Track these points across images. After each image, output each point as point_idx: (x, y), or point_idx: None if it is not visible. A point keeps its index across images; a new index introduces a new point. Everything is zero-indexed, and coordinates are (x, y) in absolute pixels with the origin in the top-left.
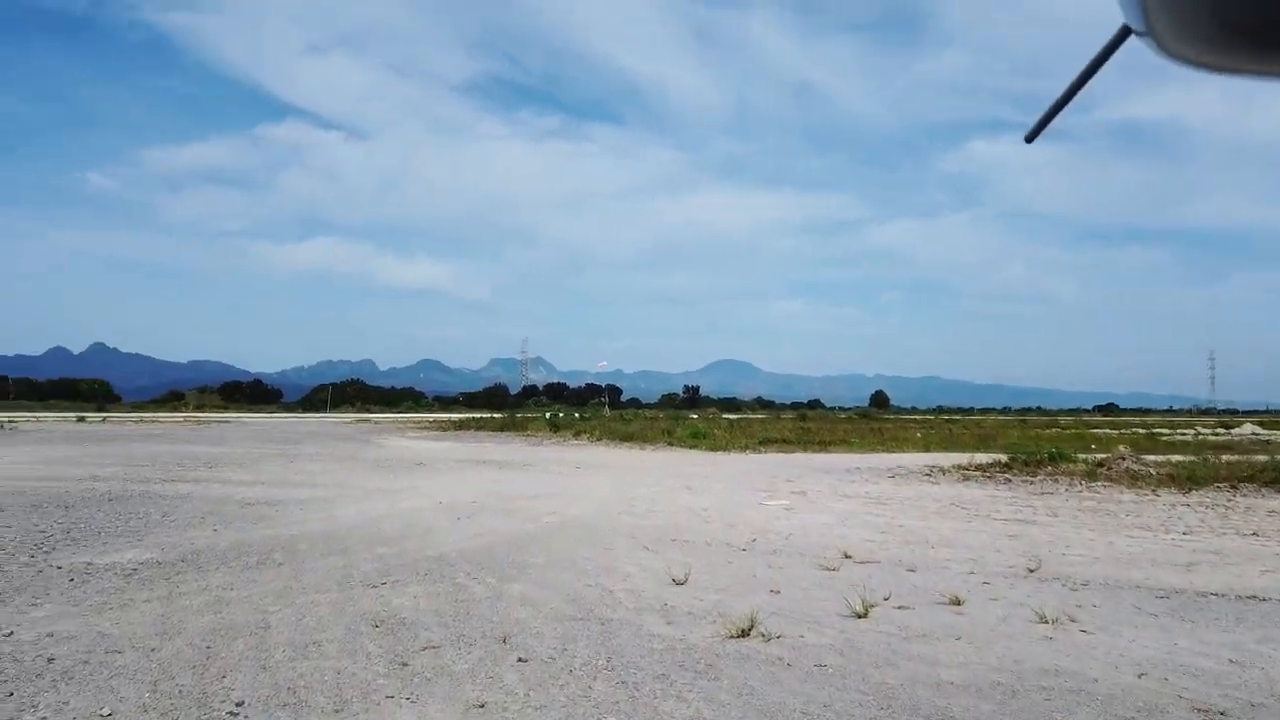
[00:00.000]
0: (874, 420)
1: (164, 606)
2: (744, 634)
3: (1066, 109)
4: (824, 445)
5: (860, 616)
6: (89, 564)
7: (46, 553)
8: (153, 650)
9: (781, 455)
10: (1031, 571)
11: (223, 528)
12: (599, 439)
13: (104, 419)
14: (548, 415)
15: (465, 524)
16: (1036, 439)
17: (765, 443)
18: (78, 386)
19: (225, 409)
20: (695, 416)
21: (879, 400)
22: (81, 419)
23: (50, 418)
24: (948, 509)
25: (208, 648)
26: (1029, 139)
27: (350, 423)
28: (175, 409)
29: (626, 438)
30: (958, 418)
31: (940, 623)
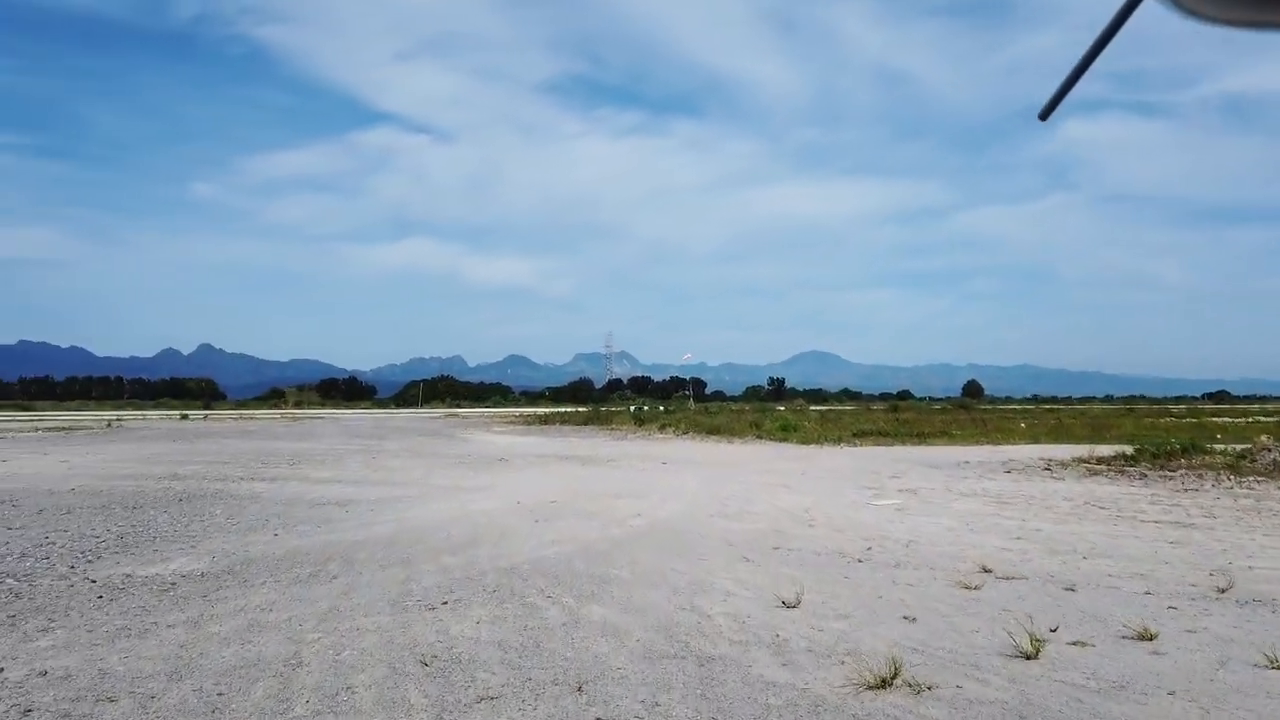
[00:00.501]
0: (971, 410)
1: (188, 634)
2: (885, 684)
3: (1080, 81)
4: (922, 437)
5: (1029, 657)
6: (128, 576)
7: (89, 562)
8: (153, 698)
9: (878, 448)
10: (1222, 592)
11: (284, 532)
12: (685, 432)
13: (205, 416)
14: (632, 409)
15: (543, 528)
16: (1154, 429)
17: (859, 435)
18: (186, 385)
19: (322, 405)
20: (782, 409)
21: (972, 390)
22: (185, 416)
23: (156, 415)
24: (1084, 509)
25: (219, 694)
26: (1042, 116)
27: (439, 418)
28: (275, 406)
29: (713, 431)
30: (1058, 407)
31: (1137, 667)
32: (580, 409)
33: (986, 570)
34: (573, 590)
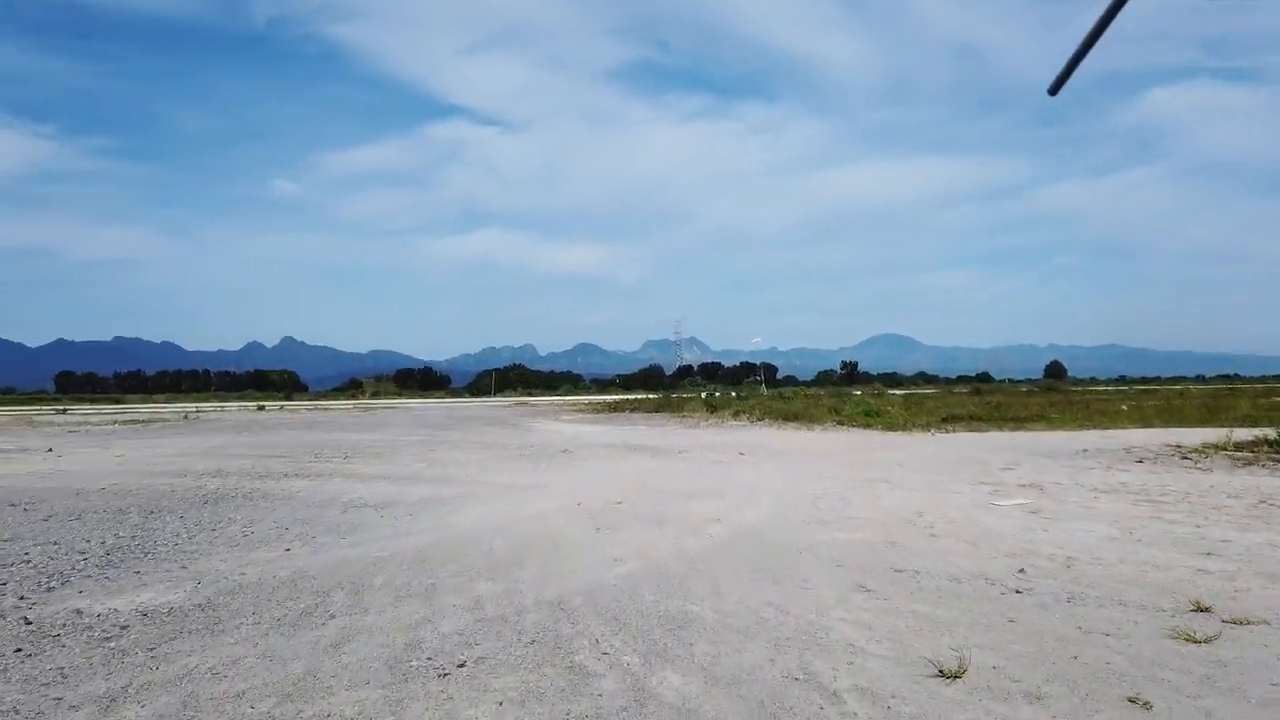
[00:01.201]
0: (1061, 392)
1: None
2: None
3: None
4: (1018, 422)
5: None
6: (77, 613)
7: (49, 590)
8: None
9: (972, 434)
10: None
11: (301, 545)
12: (760, 419)
13: (281, 407)
14: (703, 394)
15: (605, 539)
16: (1276, 409)
17: (949, 420)
18: (269, 377)
19: (398, 395)
20: (859, 393)
21: (1055, 371)
22: (262, 408)
23: (235, 407)
24: (1265, 511)
25: None
26: (1052, 91)
27: (508, 406)
28: (353, 396)
29: (790, 417)
30: (1151, 387)
31: None
32: (650, 396)
33: (1202, 608)
34: (638, 641)
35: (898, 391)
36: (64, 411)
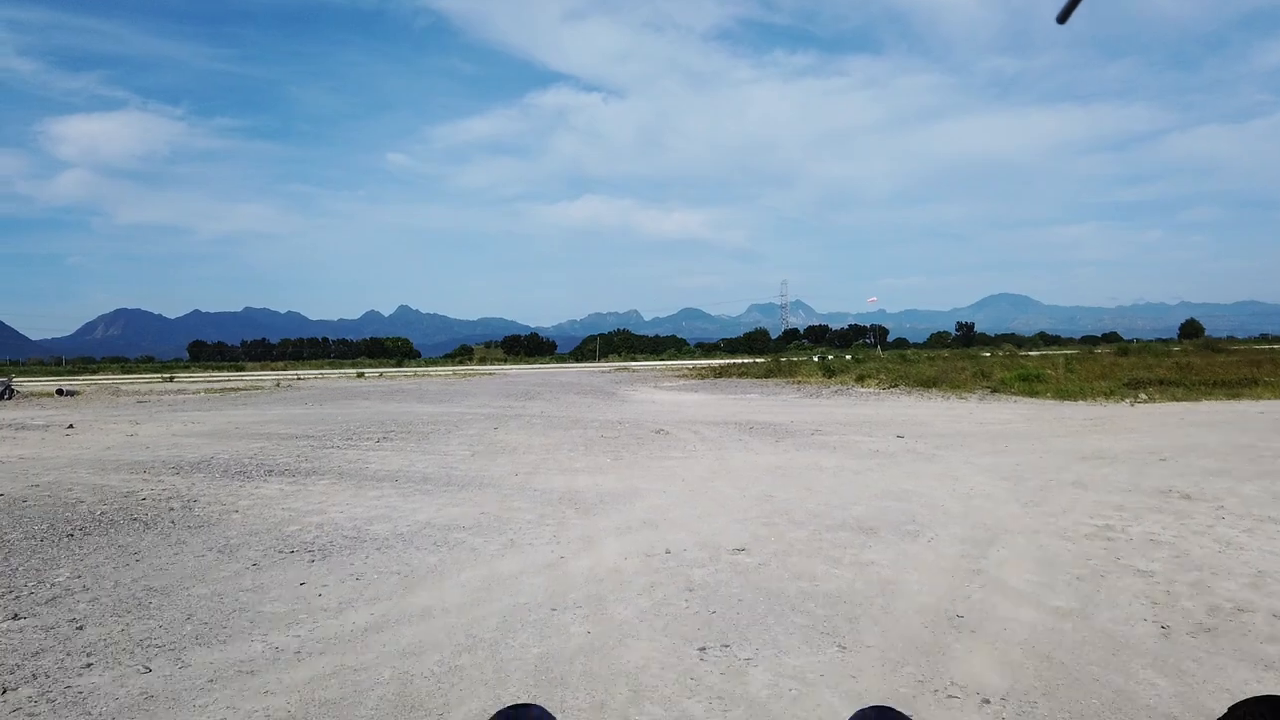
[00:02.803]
0: (1228, 353)
1: None
2: None
3: None
4: (1231, 388)
5: None
6: None
7: None
8: None
9: (1183, 406)
10: None
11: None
12: (891, 386)
13: (380, 374)
14: (815, 357)
15: (713, 673)
16: None
17: (1135, 385)
18: (384, 345)
19: (503, 361)
20: (988, 354)
21: (1191, 329)
22: (361, 375)
23: (336, 375)
24: None
25: None
26: (1060, 19)
27: (608, 371)
28: (460, 362)
29: (927, 383)
30: None
31: None
32: (758, 360)
33: None
34: None
35: (1031, 353)
36: (171, 379)
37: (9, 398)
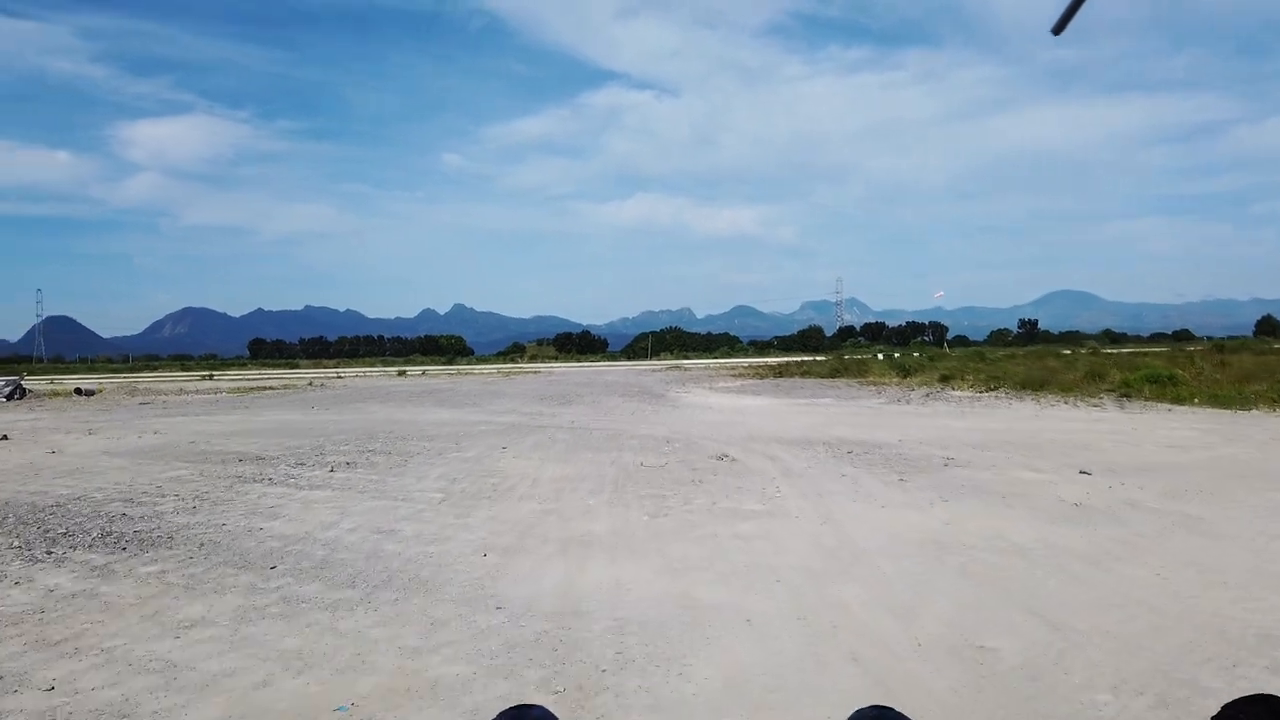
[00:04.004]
0: None
1: None
2: None
3: None
4: None
5: None
6: None
7: None
8: None
9: None
10: None
11: None
12: (990, 388)
13: (423, 372)
14: (880, 355)
15: None
16: None
17: None
18: (438, 342)
19: (555, 358)
20: (1068, 351)
21: (1268, 326)
22: (402, 373)
23: (377, 373)
24: None
25: None
26: (1055, 30)
27: (659, 370)
28: (512, 360)
29: (1031, 385)
30: None
31: None
32: (818, 357)
33: None
34: None
35: (1118, 351)
36: (210, 377)
37: (19, 398)
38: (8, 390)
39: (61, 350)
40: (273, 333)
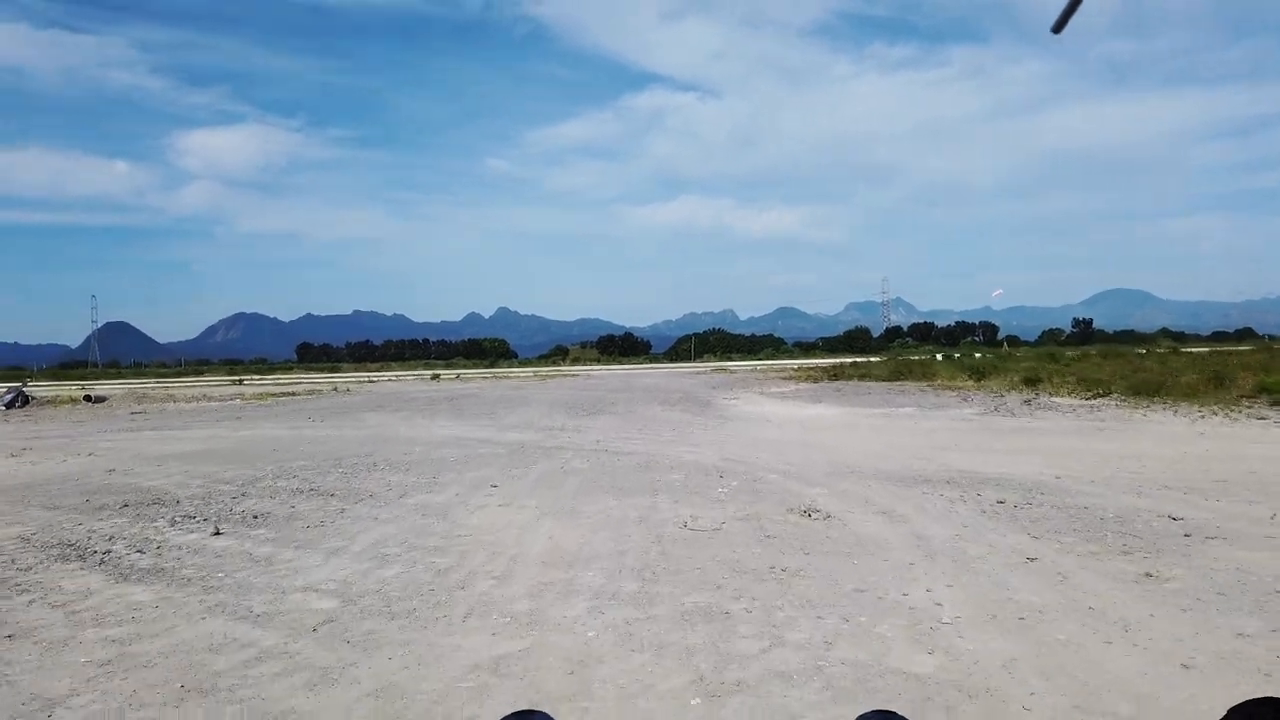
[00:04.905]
0: None
1: None
2: None
3: None
4: None
5: None
6: None
7: None
8: None
9: None
10: None
11: None
12: (1096, 394)
13: (457, 375)
14: (939, 356)
15: None
16: None
17: None
18: (482, 345)
19: (597, 361)
20: (1143, 351)
21: None
22: (436, 377)
23: (411, 376)
24: None
25: None
26: (1055, 29)
27: (704, 373)
28: (554, 363)
29: (1147, 390)
30: None
31: None
32: (870, 359)
33: None
34: None
35: (1190, 350)
36: (240, 382)
37: (21, 405)
38: (9, 398)
39: (118, 355)
40: (322, 337)
